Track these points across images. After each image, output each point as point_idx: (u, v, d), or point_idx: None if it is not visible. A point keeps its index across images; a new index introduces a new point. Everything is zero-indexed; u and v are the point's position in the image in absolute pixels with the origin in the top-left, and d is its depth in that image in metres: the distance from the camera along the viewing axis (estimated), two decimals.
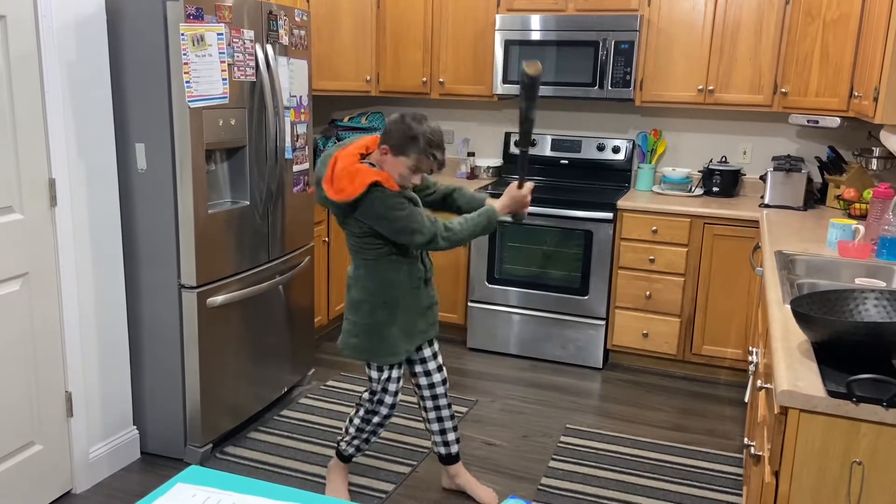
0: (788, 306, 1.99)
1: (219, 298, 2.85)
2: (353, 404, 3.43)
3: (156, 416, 2.94)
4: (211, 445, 2.95)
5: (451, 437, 2.67)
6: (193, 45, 2.62)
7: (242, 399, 3.10)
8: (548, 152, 4.39)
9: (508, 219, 2.49)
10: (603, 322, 3.91)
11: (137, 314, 2.86)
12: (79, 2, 2.50)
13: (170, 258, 2.77)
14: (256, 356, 3.15)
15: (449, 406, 2.64)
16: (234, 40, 2.80)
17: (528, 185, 2.42)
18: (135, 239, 2.80)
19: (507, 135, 4.50)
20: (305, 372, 3.61)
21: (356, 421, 2.58)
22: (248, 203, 3.00)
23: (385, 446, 3.06)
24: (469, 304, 4.15)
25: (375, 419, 2.55)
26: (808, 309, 1.73)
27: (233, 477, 1.41)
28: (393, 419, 3.30)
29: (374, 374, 2.50)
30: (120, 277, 2.79)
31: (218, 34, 2.71)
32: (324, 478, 2.79)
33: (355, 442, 2.61)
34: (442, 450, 2.69)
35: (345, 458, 2.67)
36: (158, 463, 2.92)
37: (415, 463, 2.95)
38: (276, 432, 3.16)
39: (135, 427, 2.94)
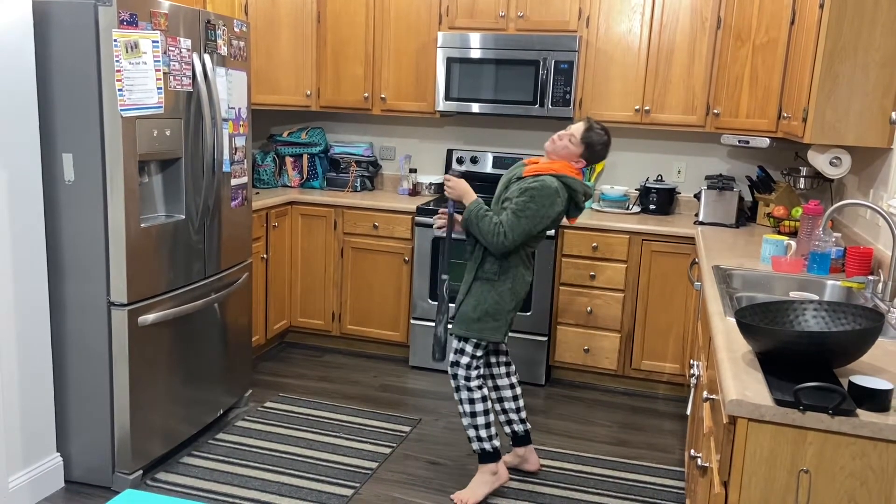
0: (731, 318, 2.03)
1: (150, 316, 2.73)
2: (292, 426, 3.33)
3: (82, 441, 2.77)
4: (141, 472, 2.80)
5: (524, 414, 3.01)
6: (127, 52, 2.51)
7: (175, 422, 2.96)
8: (489, 169, 4.41)
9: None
10: (545, 338, 3.92)
11: (62, 334, 2.71)
12: (2, 6, 2.37)
13: (98, 274, 2.63)
14: (190, 377, 3.02)
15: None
16: (171, 49, 2.70)
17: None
18: (61, 254, 2.66)
19: (450, 152, 4.50)
20: (242, 393, 3.49)
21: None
22: (184, 217, 2.89)
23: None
24: (411, 321, 4.11)
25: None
26: (752, 320, 1.76)
27: (173, 500, 1.33)
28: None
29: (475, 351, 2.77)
30: (44, 295, 2.64)
31: (153, 42, 2.62)
32: (260, 502, 2.69)
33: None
34: (520, 427, 2.99)
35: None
36: (84, 492, 2.75)
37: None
38: (211, 457, 3.03)
39: (58, 454, 2.77)
